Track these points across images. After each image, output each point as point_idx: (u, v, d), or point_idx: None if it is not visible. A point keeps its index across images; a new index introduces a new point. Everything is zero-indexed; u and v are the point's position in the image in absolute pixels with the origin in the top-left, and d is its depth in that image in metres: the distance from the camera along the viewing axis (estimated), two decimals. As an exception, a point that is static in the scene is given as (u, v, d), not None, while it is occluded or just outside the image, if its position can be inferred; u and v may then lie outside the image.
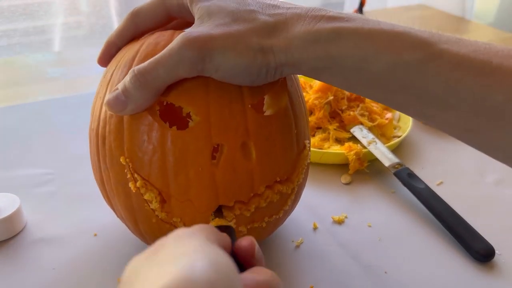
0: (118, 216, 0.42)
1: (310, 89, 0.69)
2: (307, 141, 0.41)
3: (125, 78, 0.34)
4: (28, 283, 0.41)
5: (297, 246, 0.47)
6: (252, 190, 0.36)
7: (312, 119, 0.64)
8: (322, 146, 0.61)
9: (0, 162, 0.58)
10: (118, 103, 0.34)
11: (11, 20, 0.98)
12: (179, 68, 0.32)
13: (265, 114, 0.38)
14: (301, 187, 0.42)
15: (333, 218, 0.50)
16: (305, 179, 0.42)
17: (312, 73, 0.34)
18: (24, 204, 0.48)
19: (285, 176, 0.38)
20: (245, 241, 0.25)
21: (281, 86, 0.38)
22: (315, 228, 0.49)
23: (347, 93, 0.67)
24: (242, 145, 0.35)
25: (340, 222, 0.50)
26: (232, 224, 0.30)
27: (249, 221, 0.37)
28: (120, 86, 0.34)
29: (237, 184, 0.35)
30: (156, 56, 0.33)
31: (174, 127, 0.35)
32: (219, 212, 0.36)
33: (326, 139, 0.63)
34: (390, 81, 0.32)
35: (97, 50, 0.41)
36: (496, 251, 0.45)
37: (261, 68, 0.33)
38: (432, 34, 0.32)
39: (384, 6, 1.39)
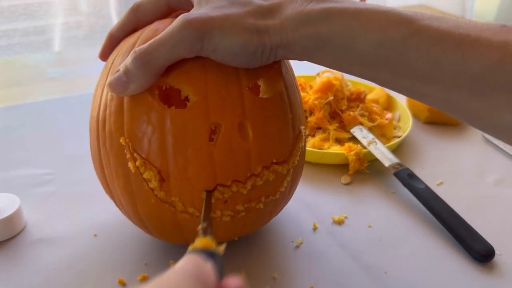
0: (117, 205, 0.42)
1: (310, 89, 0.68)
2: (303, 127, 0.42)
3: (126, 59, 0.35)
4: (28, 283, 0.41)
5: (297, 247, 0.47)
6: (249, 170, 0.37)
7: (312, 119, 0.64)
8: (322, 146, 0.61)
9: (0, 162, 0.59)
10: (119, 84, 0.35)
11: (11, 20, 0.98)
12: (179, 47, 0.33)
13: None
14: (297, 171, 0.43)
15: (333, 218, 0.50)
16: (301, 162, 0.43)
17: (305, 54, 0.35)
18: (24, 204, 0.48)
19: (281, 159, 0.39)
20: (233, 282, 0.23)
21: (276, 71, 0.39)
22: (315, 228, 0.49)
23: (347, 93, 0.67)
24: (239, 125, 0.36)
25: (340, 222, 0.50)
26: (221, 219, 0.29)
27: (246, 200, 0.38)
28: (121, 67, 0.35)
29: (234, 163, 0.36)
30: (157, 37, 0.34)
31: (173, 107, 0.35)
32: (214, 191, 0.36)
33: (326, 140, 0.63)
34: (377, 58, 0.33)
35: (97, 50, 0.41)
36: (496, 251, 0.45)
37: (257, 48, 0.34)
38: (415, 12, 0.33)
39: (384, 6, 1.39)
